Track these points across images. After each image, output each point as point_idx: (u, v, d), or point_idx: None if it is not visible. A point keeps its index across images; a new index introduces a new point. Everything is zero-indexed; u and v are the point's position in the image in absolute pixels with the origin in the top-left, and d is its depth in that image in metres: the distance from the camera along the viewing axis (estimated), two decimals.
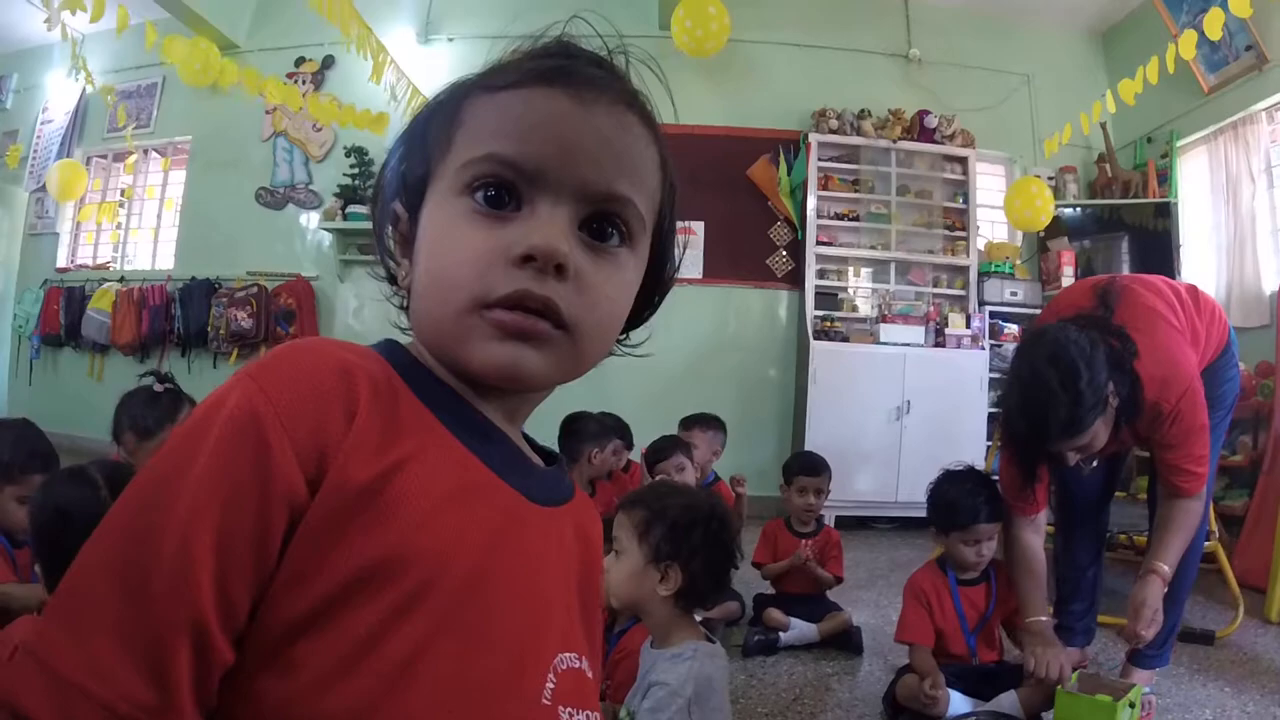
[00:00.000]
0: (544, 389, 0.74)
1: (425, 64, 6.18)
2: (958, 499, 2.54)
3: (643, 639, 1.89)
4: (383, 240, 0.76)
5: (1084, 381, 2.25)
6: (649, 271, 0.78)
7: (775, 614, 3.13)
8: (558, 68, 0.68)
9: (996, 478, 2.69)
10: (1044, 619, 2.49)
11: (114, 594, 0.54)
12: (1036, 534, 2.64)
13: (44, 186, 7.17)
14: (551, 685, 0.69)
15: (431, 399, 0.68)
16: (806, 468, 3.49)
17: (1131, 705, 2.13)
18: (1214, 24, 4.46)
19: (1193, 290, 2.65)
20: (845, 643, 3.14)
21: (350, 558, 0.57)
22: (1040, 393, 2.29)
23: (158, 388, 2.69)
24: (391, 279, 0.76)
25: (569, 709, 0.70)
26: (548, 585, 0.72)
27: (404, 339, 0.74)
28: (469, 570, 0.63)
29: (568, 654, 0.72)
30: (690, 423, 4.00)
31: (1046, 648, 2.39)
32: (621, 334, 0.81)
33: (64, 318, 6.98)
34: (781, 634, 3.10)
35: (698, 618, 1.91)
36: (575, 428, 3.50)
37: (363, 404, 0.61)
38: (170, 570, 0.53)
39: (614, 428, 3.77)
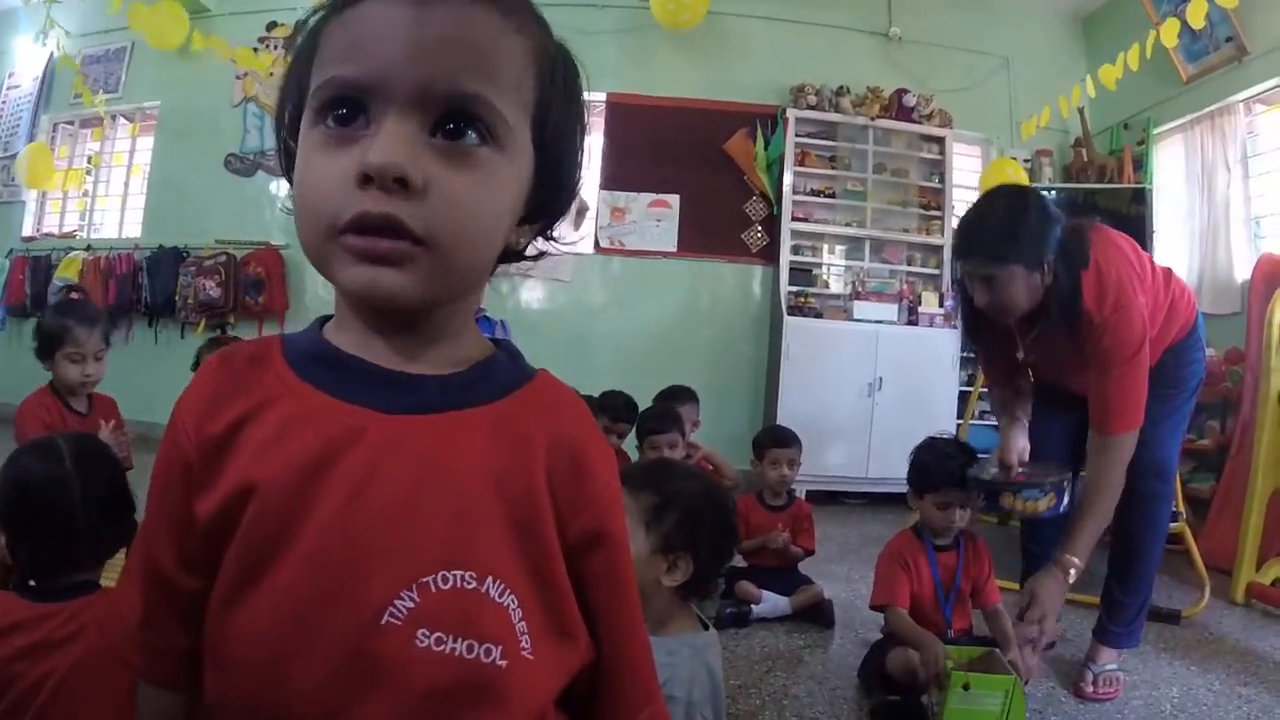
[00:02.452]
0: (421, 306, 0.69)
1: None
2: (934, 462, 2.58)
3: None
4: (289, 178, 0.74)
5: (1028, 220, 2.29)
6: (543, 170, 0.74)
7: (747, 587, 3.13)
8: None
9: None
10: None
11: (135, 554, 0.77)
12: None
13: (12, 159, 7.05)
14: (408, 605, 0.65)
15: (296, 355, 0.74)
16: (777, 440, 3.48)
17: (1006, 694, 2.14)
18: (1197, 13, 4.48)
19: (1166, 271, 2.65)
20: (817, 616, 3.15)
21: (214, 496, 0.69)
22: (984, 207, 2.41)
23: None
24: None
25: (436, 634, 0.65)
26: (407, 496, 0.67)
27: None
28: (289, 494, 0.67)
29: (457, 572, 0.66)
30: (667, 396, 3.98)
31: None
32: (538, 234, 0.80)
33: (30, 287, 6.84)
34: (754, 607, 3.10)
35: None
36: None
37: (221, 376, 0.74)
38: (144, 534, 0.75)
39: (605, 408, 3.72)
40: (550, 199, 0.77)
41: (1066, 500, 2.55)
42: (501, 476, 0.70)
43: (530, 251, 0.81)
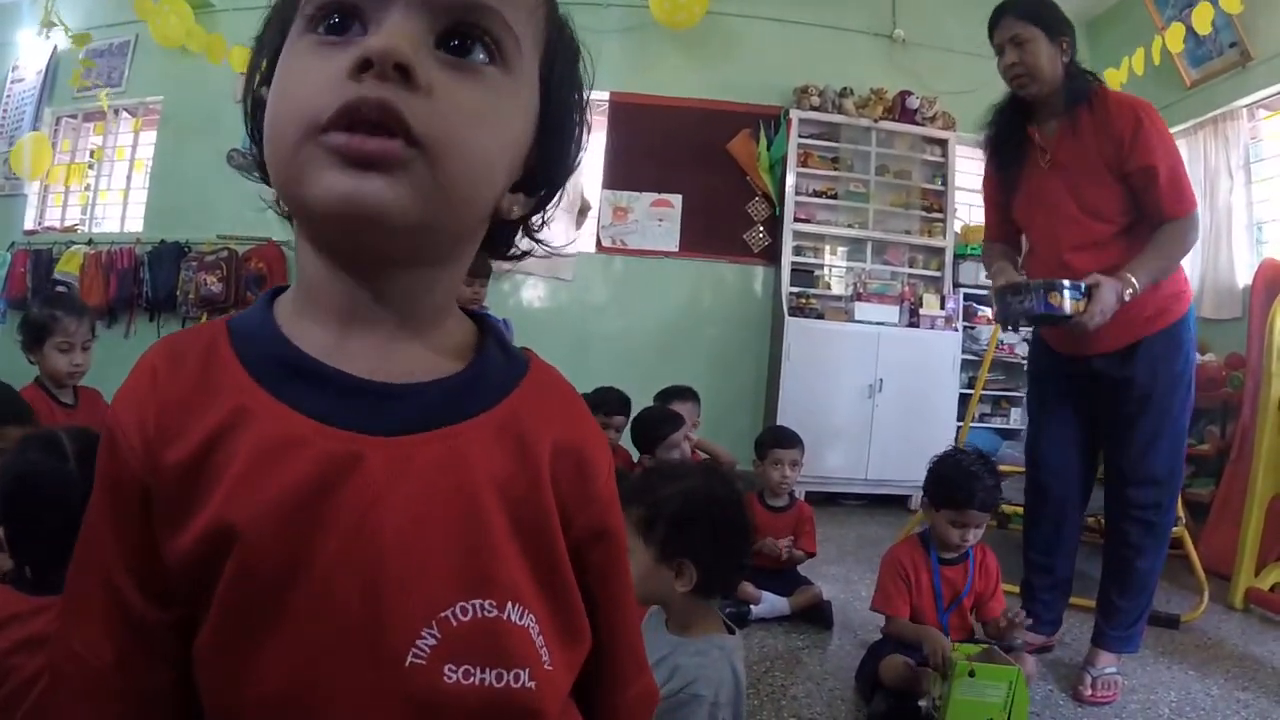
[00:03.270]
0: (408, 235, 0.60)
1: None
2: (957, 477, 2.52)
3: None
4: (258, 134, 0.67)
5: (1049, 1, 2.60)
6: (545, 124, 0.69)
7: (746, 587, 3.13)
8: None
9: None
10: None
11: (85, 585, 0.65)
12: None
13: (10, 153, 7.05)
14: (430, 642, 0.60)
15: (254, 357, 0.64)
16: (780, 440, 3.49)
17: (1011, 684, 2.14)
18: (1203, 18, 4.49)
19: None
20: (816, 616, 3.16)
21: (185, 538, 0.60)
22: None
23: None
24: (265, 173, 0.65)
25: (464, 668, 0.61)
26: (420, 523, 0.62)
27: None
28: (278, 539, 0.59)
29: (475, 601, 0.62)
30: (668, 395, 3.98)
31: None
32: (529, 210, 0.73)
33: (31, 281, 6.80)
34: (753, 607, 3.10)
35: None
36: None
37: (160, 392, 0.63)
38: (98, 565, 0.64)
39: (599, 405, 3.72)
40: (548, 164, 0.71)
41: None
42: (505, 483, 0.65)
43: (515, 250, 0.77)
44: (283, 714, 0.60)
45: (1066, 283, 2.37)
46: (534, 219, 0.76)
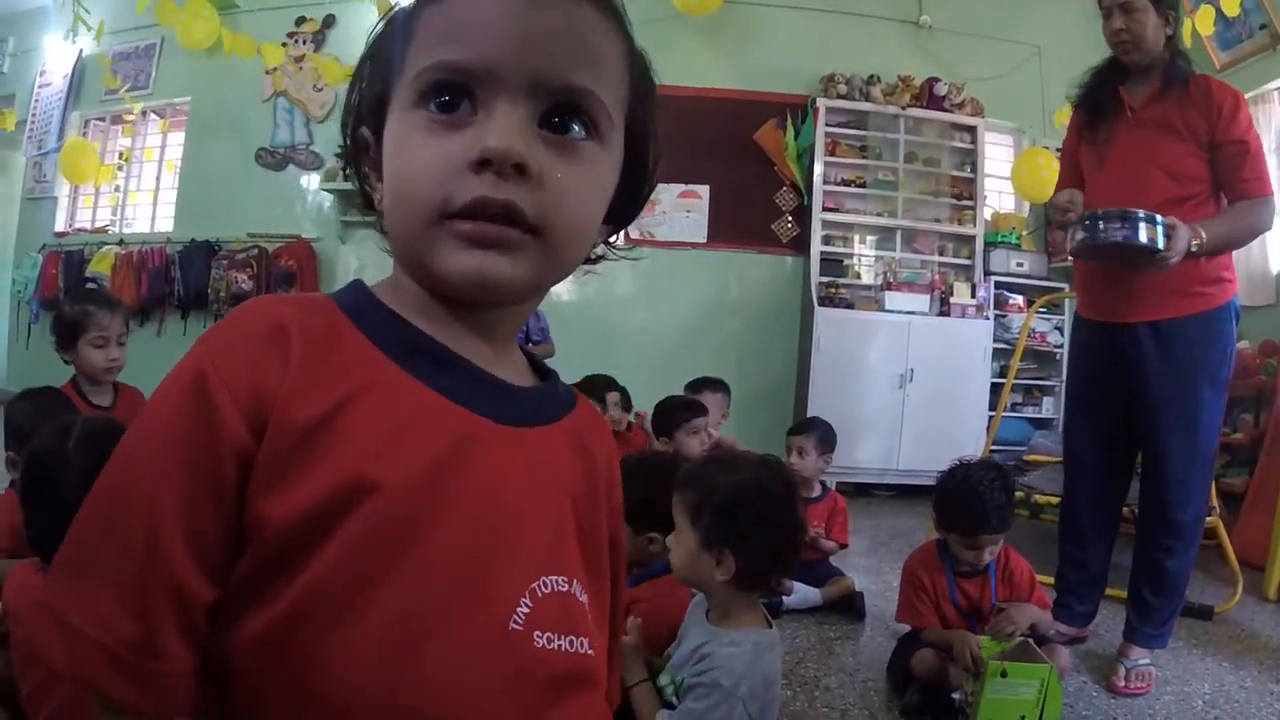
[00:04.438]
0: (521, 296, 0.72)
1: None
2: (966, 500, 2.38)
3: (661, 591, 1.84)
4: (358, 167, 0.76)
5: None
6: (627, 171, 0.75)
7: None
8: None
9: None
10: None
11: (104, 550, 0.61)
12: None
13: (46, 154, 7.17)
14: (525, 610, 0.67)
15: (381, 336, 0.68)
16: (792, 427, 3.53)
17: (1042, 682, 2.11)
18: (1232, 1, 4.41)
19: None
20: (848, 608, 3.14)
21: (303, 495, 0.61)
22: None
23: None
24: (370, 205, 0.76)
25: (548, 634, 0.68)
26: (522, 505, 0.70)
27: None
28: (416, 496, 0.63)
29: (552, 577, 0.70)
30: (699, 385, 3.98)
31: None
32: (609, 236, 0.81)
33: (63, 282, 6.91)
34: (785, 598, 3.08)
35: None
36: None
37: (295, 352, 0.63)
38: (144, 528, 0.59)
39: (603, 386, 3.74)
40: (629, 200, 0.78)
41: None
42: (575, 485, 0.76)
43: (594, 255, 0.83)
44: (374, 681, 0.61)
45: (1159, 217, 2.35)
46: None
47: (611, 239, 0.83)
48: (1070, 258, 2.49)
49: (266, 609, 0.61)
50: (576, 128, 0.68)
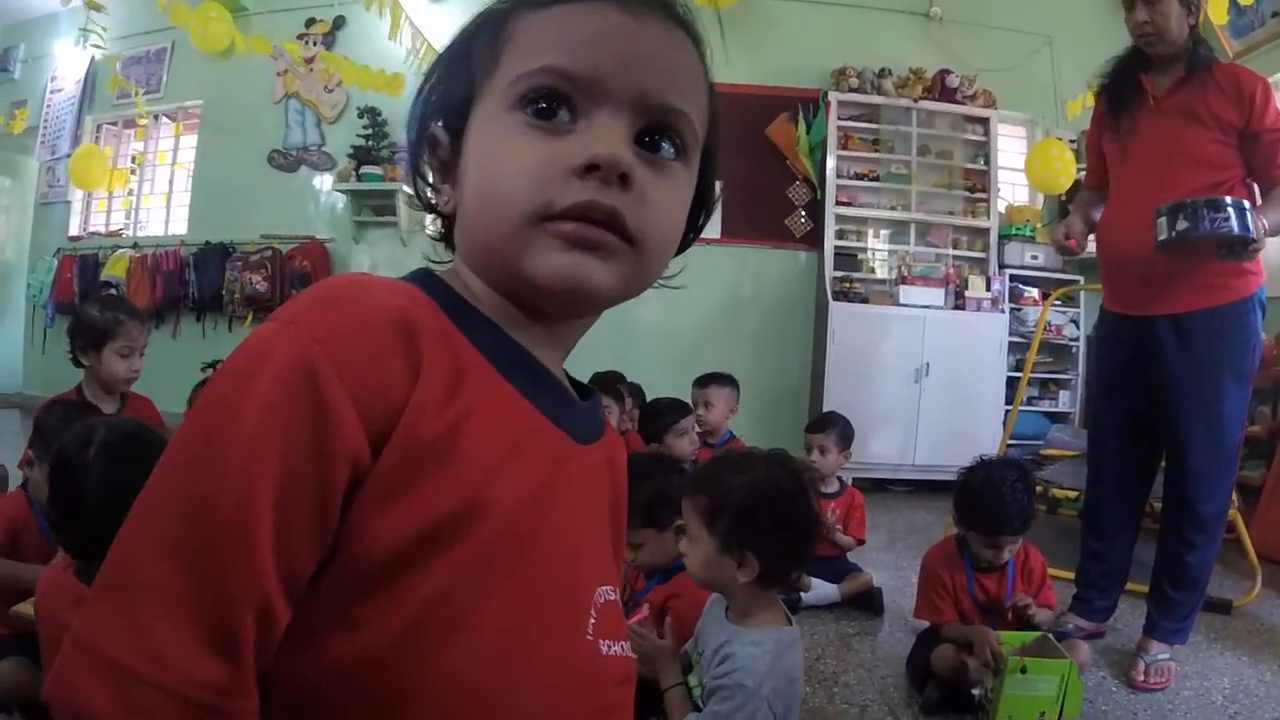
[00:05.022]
0: (605, 304, 0.71)
1: (438, 22, 6.06)
2: (988, 499, 2.37)
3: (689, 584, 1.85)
4: (418, 165, 0.75)
5: None
6: (695, 197, 0.77)
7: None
8: None
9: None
10: None
11: (170, 571, 0.51)
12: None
13: (59, 159, 7.22)
14: (593, 620, 0.70)
15: (484, 343, 0.66)
16: (811, 424, 3.54)
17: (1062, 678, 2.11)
18: None
19: None
20: (866, 603, 3.14)
21: (419, 515, 0.57)
22: None
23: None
24: (429, 206, 0.75)
25: (608, 641, 0.71)
26: (586, 523, 0.73)
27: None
28: (527, 518, 0.64)
29: (604, 587, 0.73)
30: (706, 381, 3.98)
31: None
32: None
33: (78, 286, 6.94)
34: (803, 594, 3.08)
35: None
36: None
37: (426, 359, 0.59)
38: (230, 542, 0.52)
39: (611, 385, 3.73)
40: (691, 226, 0.80)
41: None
42: (609, 505, 0.80)
43: None
44: (485, 703, 0.60)
45: (1246, 203, 2.35)
46: None
47: None
48: (1160, 251, 2.41)
49: (360, 634, 0.56)
50: (667, 147, 0.69)
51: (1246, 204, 2.34)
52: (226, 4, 6.26)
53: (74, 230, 7.49)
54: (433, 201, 0.74)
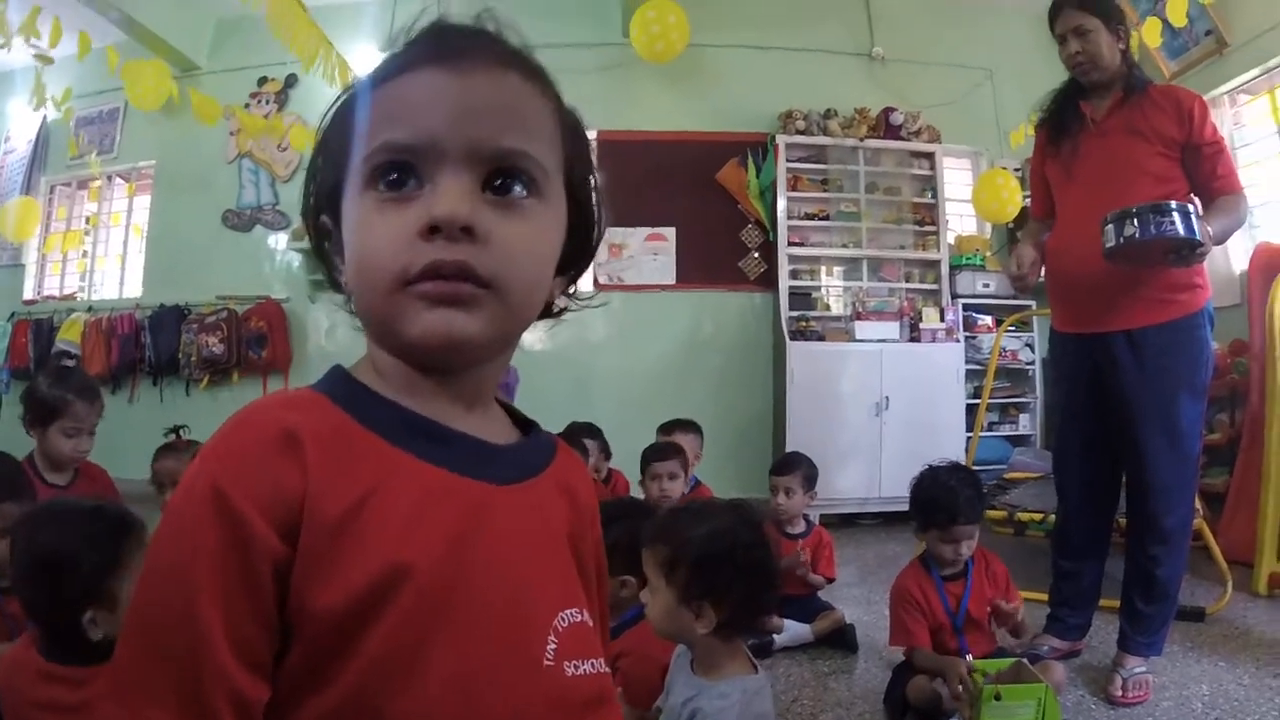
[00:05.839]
0: (485, 351, 0.75)
1: None
2: (938, 497, 2.52)
3: (644, 638, 1.84)
4: (323, 253, 0.81)
5: None
6: (574, 223, 0.81)
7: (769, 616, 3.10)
8: (429, 49, 0.73)
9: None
10: None
11: (154, 672, 0.61)
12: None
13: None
14: (553, 646, 0.73)
15: (384, 427, 0.72)
16: (775, 467, 3.53)
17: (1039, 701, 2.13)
18: (1178, 10, 4.52)
19: None
20: (840, 641, 3.14)
21: (348, 584, 0.64)
22: None
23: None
24: (335, 285, 0.80)
25: (574, 662, 0.74)
26: (533, 554, 0.76)
27: (339, 359, 0.80)
28: (446, 570, 0.68)
29: (568, 610, 0.76)
30: (670, 428, 3.97)
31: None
32: (566, 287, 0.86)
33: (33, 350, 6.80)
34: (775, 636, 3.08)
35: None
36: None
37: (311, 456, 0.66)
38: (192, 651, 0.60)
39: (583, 434, 3.71)
40: (578, 250, 0.83)
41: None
42: (568, 529, 0.82)
43: (555, 309, 0.88)
44: None
45: (1192, 208, 2.41)
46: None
47: (570, 289, 0.87)
48: (1108, 259, 2.49)
49: (329, 690, 0.63)
50: (518, 188, 0.72)
51: (1191, 208, 2.41)
52: (179, 63, 6.27)
53: (28, 294, 7.36)
54: (340, 281, 0.79)
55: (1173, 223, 2.37)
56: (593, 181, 0.85)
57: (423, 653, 0.65)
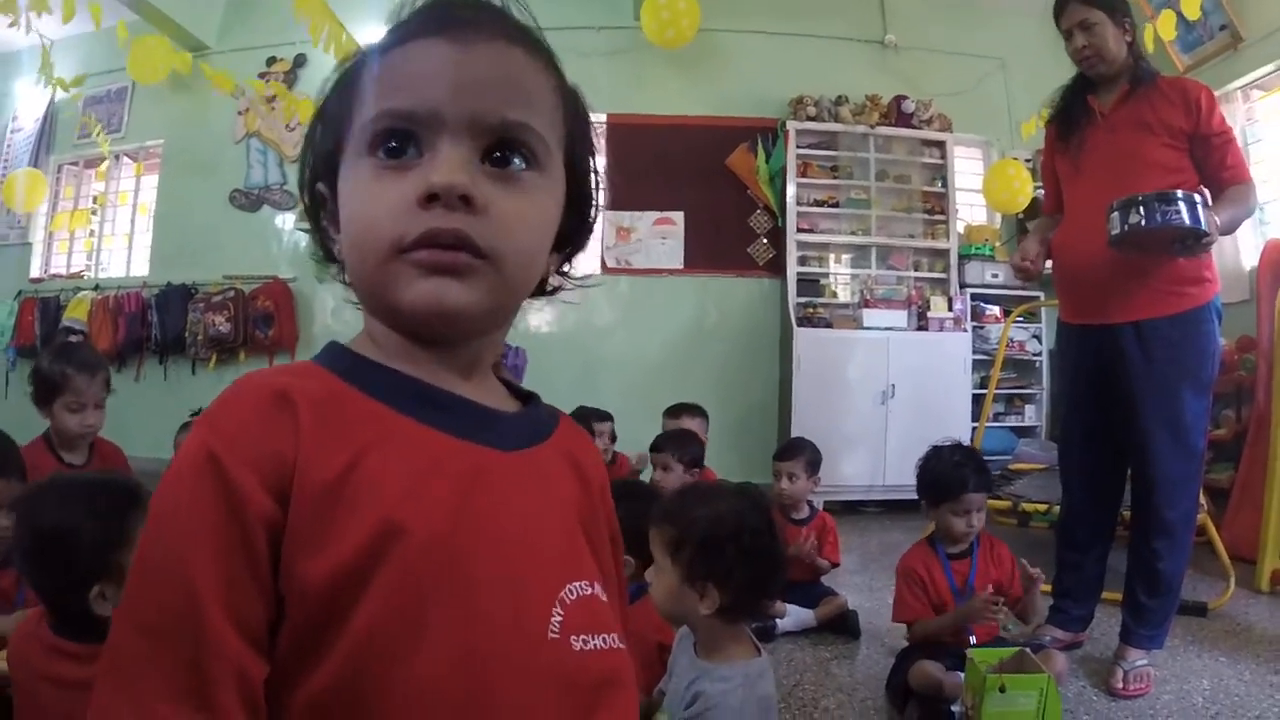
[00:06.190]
0: (479, 322, 0.74)
1: None
2: (945, 471, 2.57)
3: (642, 618, 1.84)
4: (317, 221, 0.80)
5: None
6: (572, 200, 0.80)
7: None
8: (434, 20, 0.72)
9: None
10: None
11: (154, 653, 0.59)
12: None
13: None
14: (559, 618, 0.70)
15: (381, 391, 0.71)
16: (779, 452, 3.53)
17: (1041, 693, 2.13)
18: (1192, 3, 4.49)
19: None
20: (842, 627, 3.13)
21: (339, 551, 0.62)
22: None
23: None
24: (329, 255, 0.80)
25: (582, 637, 0.72)
26: (538, 522, 0.74)
27: (345, 339, 0.79)
28: (442, 535, 0.66)
29: (576, 583, 0.74)
30: (676, 411, 3.97)
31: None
32: (561, 265, 0.85)
33: (39, 328, 6.83)
34: (778, 621, 3.08)
35: None
36: None
37: (304, 417, 0.65)
38: (192, 622, 0.59)
39: (592, 418, 3.72)
40: (576, 226, 0.83)
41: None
42: (575, 500, 0.80)
43: (549, 286, 0.86)
44: (448, 712, 0.63)
45: (1198, 197, 2.41)
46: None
47: (566, 267, 0.87)
48: (1113, 247, 2.50)
49: (322, 668, 0.61)
50: (517, 161, 0.72)
51: (1198, 197, 2.40)
52: (188, 43, 6.26)
53: (35, 272, 7.38)
54: (334, 251, 0.79)
55: (1178, 211, 2.36)
56: (592, 161, 0.84)
57: (419, 625, 0.63)
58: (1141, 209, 2.40)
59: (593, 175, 0.84)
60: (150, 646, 0.60)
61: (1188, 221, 2.36)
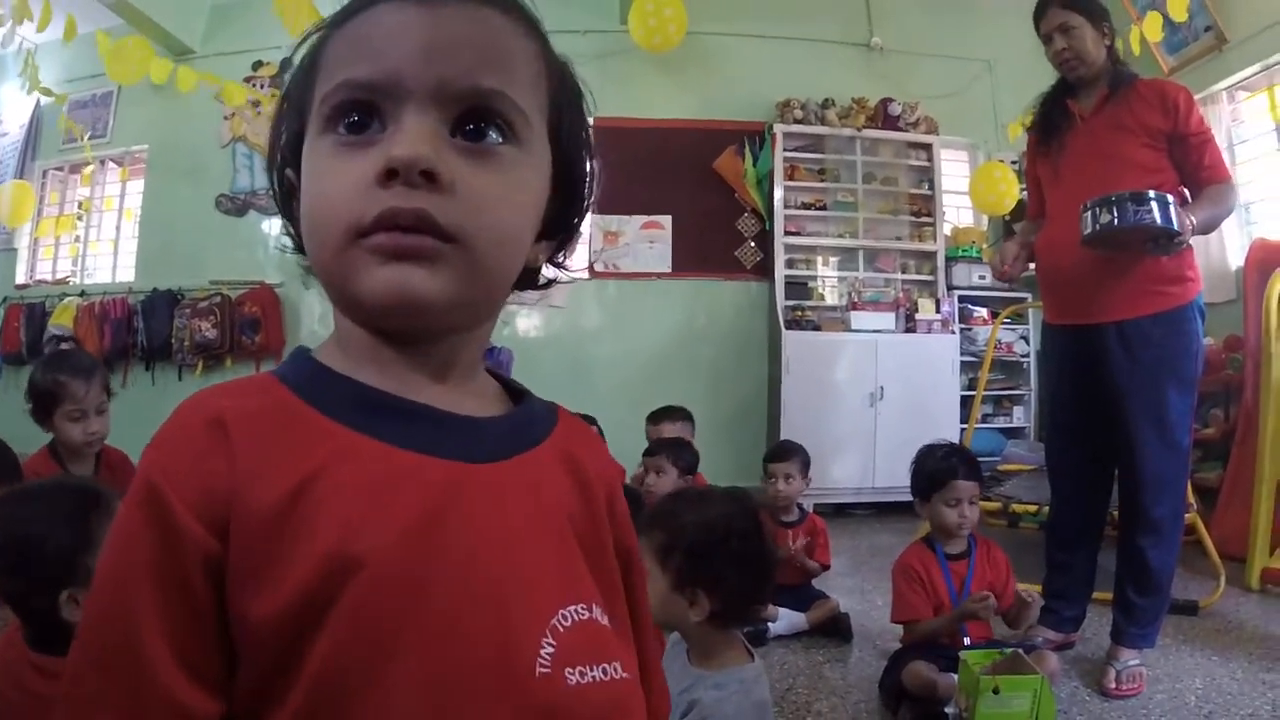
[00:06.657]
0: (450, 315, 0.65)
1: None
2: (935, 463, 2.64)
3: None
4: (289, 211, 0.73)
5: None
6: (560, 182, 0.73)
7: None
8: None
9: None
10: None
11: (102, 684, 0.56)
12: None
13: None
14: (549, 650, 0.63)
15: (332, 404, 0.64)
16: (772, 454, 3.52)
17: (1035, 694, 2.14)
18: (1178, 5, 4.52)
19: None
20: (834, 630, 3.14)
21: (286, 587, 0.57)
22: None
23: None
24: (300, 248, 0.71)
25: (579, 668, 0.64)
26: (522, 542, 0.66)
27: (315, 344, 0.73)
28: (403, 566, 0.59)
29: (572, 607, 0.66)
30: (658, 416, 3.97)
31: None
32: (552, 255, 0.78)
33: (25, 335, 6.77)
34: (770, 625, 3.08)
35: None
36: None
37: (240, 443, 0.60)
38: (132, 656, 0.55)
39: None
40: (566, 211, 0.76)
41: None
42: (572, 508, 0.72)
43: (541, 279, 0.80)
44: None
45: (1170, 198, 2.43)
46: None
47: (560, 257, 0.79)
48: (1086, 246, 2.55)
49: (285, 710, 0.57)
50: (493, 134, 0.65)
51: (1171, 198, 2.42)
52: (172, 47, 6.22)
53: (20, 278, 7.31)
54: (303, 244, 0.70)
55: (1150, 211, 2.39)
56: (587, 141, 0.77)
57: (378, 670, 0.57)
58: (1114, 208, 2.43)
59: (585, 153, 0.77)
60: (98, 680, 0.57)
61: (1159, 221, 2.39)
